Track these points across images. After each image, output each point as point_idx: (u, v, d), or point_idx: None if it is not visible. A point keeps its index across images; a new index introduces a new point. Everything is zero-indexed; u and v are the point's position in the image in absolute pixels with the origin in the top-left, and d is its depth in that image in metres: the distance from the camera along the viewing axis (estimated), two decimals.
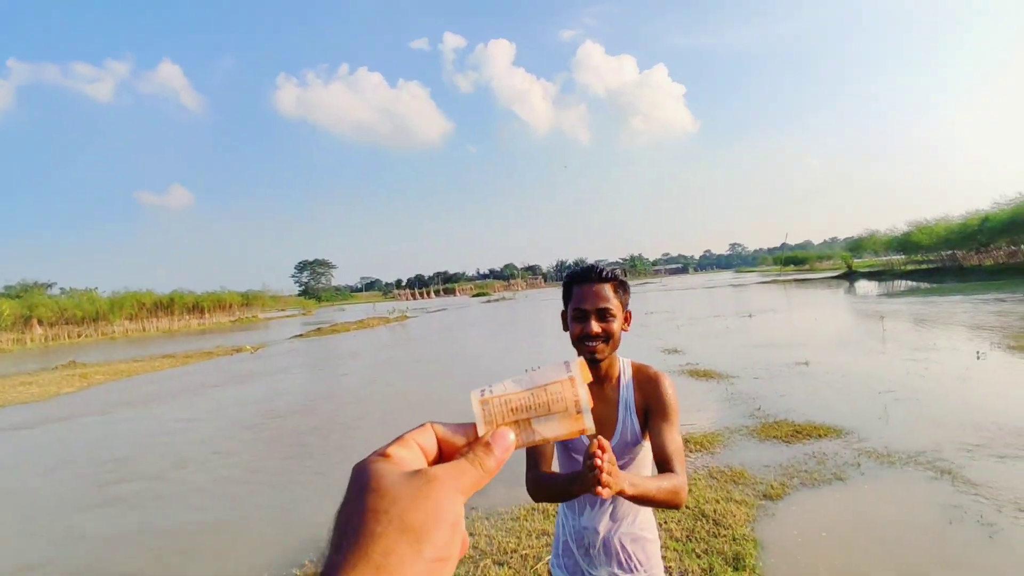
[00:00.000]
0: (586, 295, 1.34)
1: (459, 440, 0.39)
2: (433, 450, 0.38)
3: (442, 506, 0.33)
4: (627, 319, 1.40)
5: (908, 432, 4.86)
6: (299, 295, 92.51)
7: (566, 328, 1.41)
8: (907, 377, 6.93)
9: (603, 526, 1.38)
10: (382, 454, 0.35)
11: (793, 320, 15.51)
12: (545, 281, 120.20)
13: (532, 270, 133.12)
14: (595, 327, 1.31)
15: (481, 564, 3.15)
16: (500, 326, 22.72)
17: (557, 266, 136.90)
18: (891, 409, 5.57)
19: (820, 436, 4.96)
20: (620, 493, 1.08)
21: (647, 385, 1.40)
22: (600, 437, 1.07)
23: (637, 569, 1.38)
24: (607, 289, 1.35)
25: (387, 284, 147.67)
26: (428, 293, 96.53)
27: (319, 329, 25.46)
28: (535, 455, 1.35)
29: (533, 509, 3.83)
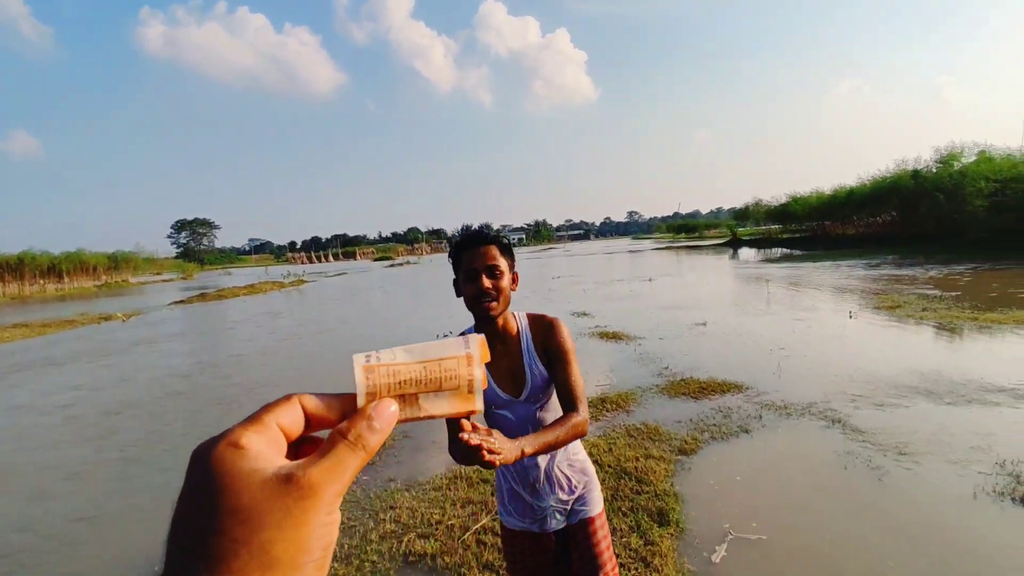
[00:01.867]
0: (475, 256, 1.43)
1: (333, 414, 0.34)
2: (298, 429, 0.33)
3: (316, 532, 0.28)
4: (515, 279, 1.51)
5: (800, 386, 5.25)
6: (177, 258, 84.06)
7: (459, 294, 1.50)
8: (794, 336, 7.53)
9: (542, 460, 1.52)
10: (234, 443, 0.28)
11: (688, 284, 16.45)
12: (451, 245, 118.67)
13: (437, 234, 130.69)
14: (486, 282, 1.40)
15: (405, 539, 2.95)
16: (405, 291, 22.12)
17: (463, 230, 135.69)
18: (784, 365, 6.00)
19: (724, 392, 5.23)
20: (522, 456, 1.18)
21: (543, 331, 1.51)
22: (465, 421, 1.08)
23: (577, 488, 1.57)
24: (493, 249, 1.45)
25: (280, 247, 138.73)
26: (326, 257, 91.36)
27: (203, 294, 23.32)
28: (457, 421, 1.31)
29: (456, 477, 3.68)
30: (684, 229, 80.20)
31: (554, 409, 1.53)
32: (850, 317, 8.61)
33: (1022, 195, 19.01)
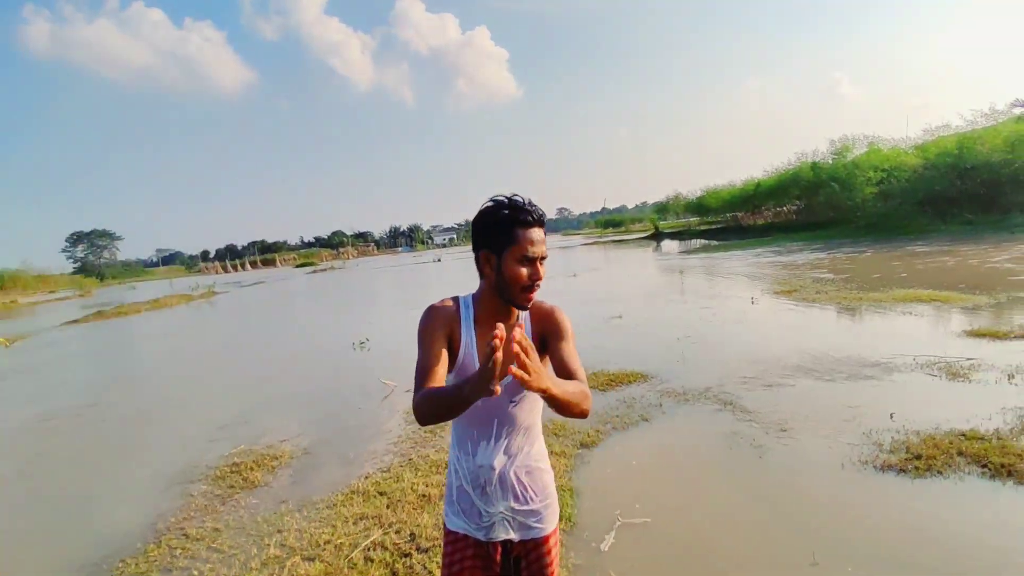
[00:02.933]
0: (535, 240, 1.31)
1: None
2: None
3: None
4: None
5: (700, 372, 5.48)
6: (75, 273, 76.97)
7: (483, 275, 1.37)
8: (699, 323, 7.87)
9: (498, 462, 1.38)
10: None
11: (611, 278, 16.91)
12: (379, 248, 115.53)
13: (363, 237, 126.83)
14: (542, 271, 1.32)
15: (288, 564, 2.79)
16: (326, 298, 21.39)
17: (391, 232, 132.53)
18: (687, 352, 6.25)
19: (630, 382, 5.37)
20: (545, 391, 1.04)
21: (542, 317, 1.41)
22: (501, 326, 1.00)
23: (532, 500, 1.42)
24: (543, 234, 1.34)
25: (191, 257, 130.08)
26: (243, 265, 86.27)
27: (99, 313, 21.50)
28: (424, 373, 1.28)
29: (353, 492, 3.54)
30: (611, 224, 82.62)
31: (529, 409, 1.41)
32: (752, 303, 9.11)
33: (904, 183, 20.91)
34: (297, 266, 73.36)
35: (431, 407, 1.18)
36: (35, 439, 5.72)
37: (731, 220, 41.46)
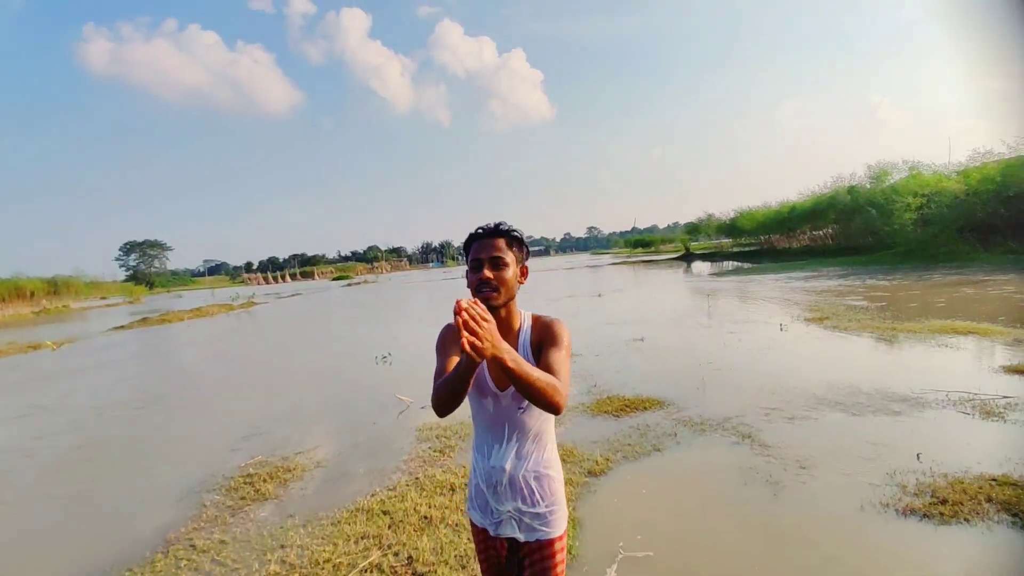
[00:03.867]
0: (481, 246, 1.48)
1: None
2: None
3: None
4: (523, 272, 1.55)
5: (720, 400, 5.33)
6: (126, 281, 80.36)
7: (470, 285, 1.52)
8: (724, 349, 7.69)
9: (509, 464, 1.52)
10: None
11: (637, 299, 16.70)
12: (411, 263, 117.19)
13: (397, 252, 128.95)
14: (487, 272, 1.44)
15: None
16: (357, 311, 21.73)
17: (423, 248, 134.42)
18: (708, 379, 6.10)
19: (646, 408, 5.27)
20: (498, 359, 1.20)
21: (542, 329, 1.54)
22: (458, 300, 1.17)
23: (538, 504, 1.53)
24: (500, 241, 1.49)
25: (236, 268, 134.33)
26: (283, 277, 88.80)
27: (144, 319, 22.36)
28: (439, 376, 1.46)
29: (358, 510, 3.55)
30: (641, 244, 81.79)
31: (538, 415, 1.53)
32: (781, 329, 8.86)
33: (944, 208, 20.14)
34: (333, 279, 74.98)
35: (442, 391, 1.34)
36: (69, 440, 5.93)
37: (765, 243, 40.58)
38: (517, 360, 1.24)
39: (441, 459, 4.40)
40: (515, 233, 1.54)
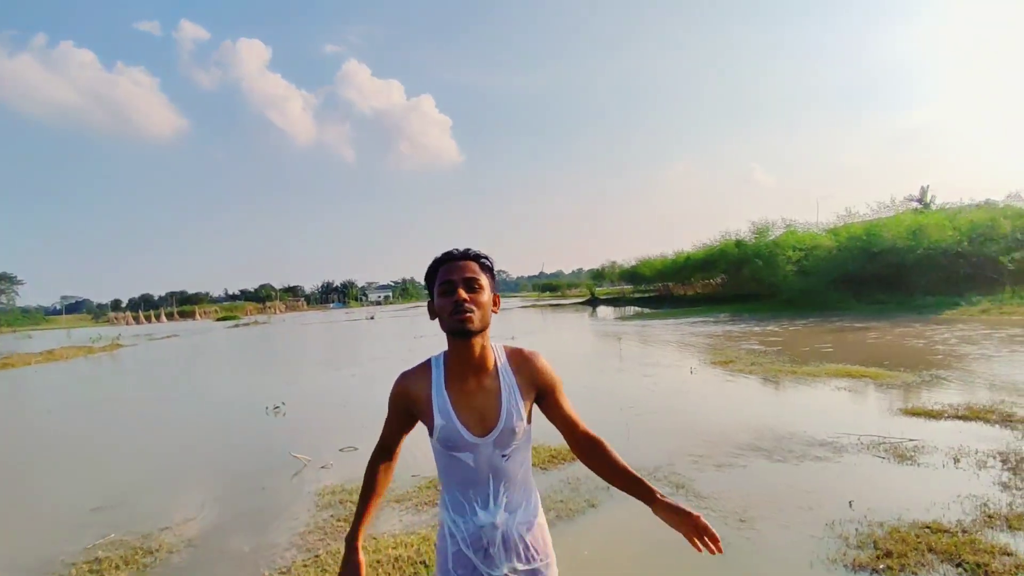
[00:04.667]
0: (452, 268, 1.32)
1: None
2: None
3: None
4: (495, 302, 1.38)
5: (647, 447, 5.13)
6: None
7: (433, 317, 1.35)
8: (641, 392, 7.63)
9: (500, 519, 1.33)
10: None
11: (550, 341, 16.69)
12: (309, 304, 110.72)
13: (293, 291, 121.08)
14: (463, 293, 1.27)
15: None
16: (244, 355, 19.88)
17: (322, 287, 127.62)
18: (632, 424, 5.92)
19: (574, 459, 4.92)
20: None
21: (524, 365, 1.39)
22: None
23: (535, 558, 1.38)
24: (473, 264, 1.34)
25: (100, 305, 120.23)
26: (158, 317, 79.85)
27: None
28: (380, 442, 1.48)
29: None
30: (548, 288, 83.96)
31: (521, 460, 1.38)
32: (691, 372, 9.02)
33: (820, 262, 22.41)
34: (218, 319, 68.94)
35: (362, 486, 1.50)
36: None
37: (663, 289, 42.97)
38: (650, 485, 1.38)
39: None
40: (487, 261, 1.37)
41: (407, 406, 1.39)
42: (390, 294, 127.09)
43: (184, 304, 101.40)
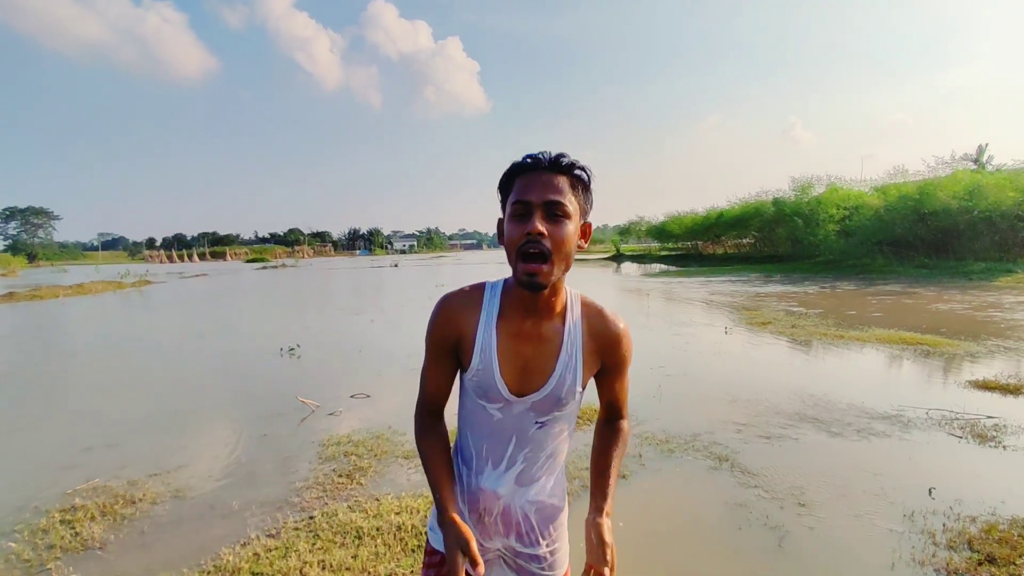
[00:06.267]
0: (532, 183, 0.98)
1: None
2: None
3: None
4: (585, 233, 1.06)
5: (683, 413, 4.64)
6: (4, 251, 71.11)
7: (502, 240, 1.03)
8: (674, 352, 7.09)
9: (506, 490, 1.11)
10: None
11: None
12: (336, 250, 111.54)
13: (321, 237, 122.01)
14: (539, 225, 0.95)
15: None
16: (269, 296, 19.83)
17: (349, 234, 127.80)
18: (664, 386, 5.42)
19: None
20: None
21: (603, 329, 1.10)
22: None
23: (538, 543, 1.15)
24: (562, 180, 0.99)
25: (135, 243, 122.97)
26: (190, 256, 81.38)
27: (11, 294, 19.24)
28: (424, 394, 1.14)
29: (215, 573, 2.47)
30: None
31: (557, 432, 1.12)
32: (726, 333, 8.43)
33: (865, 222, 21.11)
34: (247, 260, 70.00)
35: (423, 464, 1.08)
36: None
37: (691, 247, 41.74)
38: (611, 496, 1.10)
39: (348, 488, 3.37)
40: (583, 173, 1.02)
41: (456, 339, 1.08)
42: (415, 243, 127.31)
43: (215, 245, 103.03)
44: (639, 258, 44.03)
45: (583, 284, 20.67)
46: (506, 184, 1.04)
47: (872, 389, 5.15)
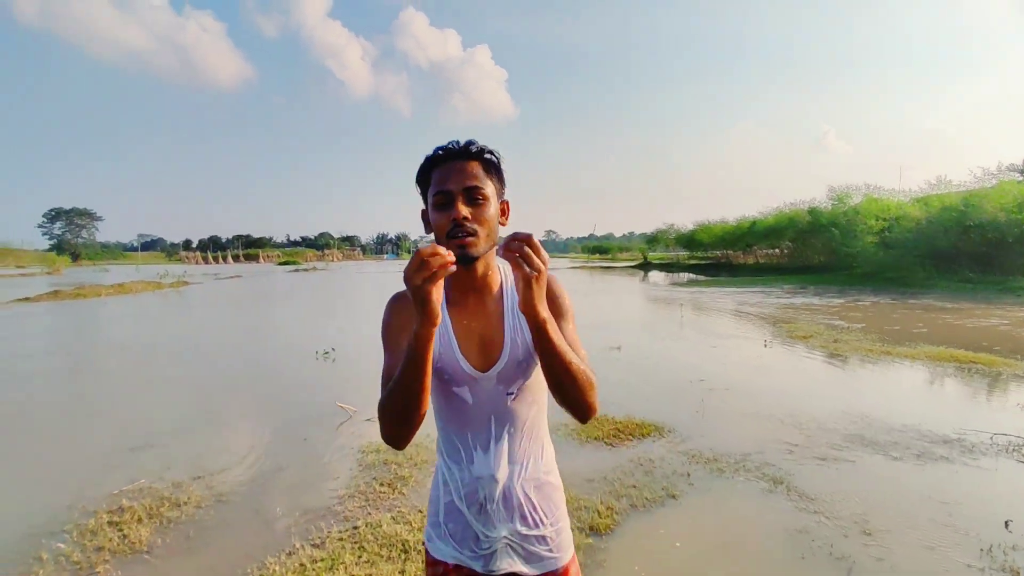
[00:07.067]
0: (448, 173, 1.04)
1: None
2: None
3: None
4: (504, 210, 1.11)
5: (729, 429, 4.48)
6: (49, 251, 73.89)
7: (429, 231, 1.09)
8: (713, 365, 6.91)
9: (502, 472, 1.10)
10: None
11: (602, 304, 15.97)
12: (364, 253, 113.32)
13: (350, 241, 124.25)
14: (463, 209, 1.01)
15: None
16: (301, 299, 20.12)
17: (378, 239, 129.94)
18: (707, 401, 5.26)
19: (643, 435, 4.35)
20: (540, 324, 0.93)
21: None
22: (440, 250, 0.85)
23: (542, 523, 1.13)
24: (476, 166, 1.06)
25: (172, 244, 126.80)
26: (224, 258, 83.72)
27: (56, 292, 19.92)
28: (389, 379, 1.03)
29: None
30: (598, 250, 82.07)
31: (531, 402, 1.12)
32: (765, 346, 8.20)
33: (905, 233, 20.42)
34: (279, 263, 71.43)
35: (390, 399, 0.96)
36: None
37: (721, 257, 41.04)
38: (554, 329, 0.95)
39: (390, 497, 3.32)
40: (492, 157, 1.08)
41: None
42: None
43: (249, 248, 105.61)
44: (667, 267, 43.46)
45: (608, 293, 20.45)
46: (423, 177, 1.08)
47: (928, 410, 4.91)
